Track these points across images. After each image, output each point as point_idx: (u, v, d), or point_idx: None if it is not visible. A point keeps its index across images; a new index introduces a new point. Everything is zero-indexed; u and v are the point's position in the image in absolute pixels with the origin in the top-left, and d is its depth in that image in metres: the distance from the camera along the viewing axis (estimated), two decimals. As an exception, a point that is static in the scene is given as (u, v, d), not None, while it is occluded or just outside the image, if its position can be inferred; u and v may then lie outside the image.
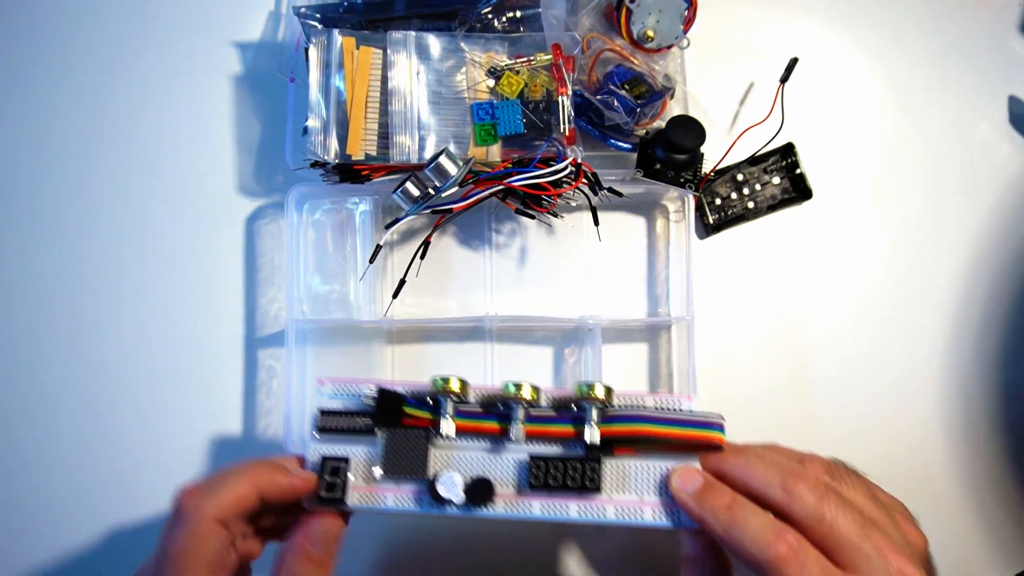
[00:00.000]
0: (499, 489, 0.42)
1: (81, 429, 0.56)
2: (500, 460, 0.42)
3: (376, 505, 0.42)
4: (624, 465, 0.41)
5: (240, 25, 0.59)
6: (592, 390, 0.41)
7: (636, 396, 0.43)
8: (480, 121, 0.52)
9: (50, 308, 0.57)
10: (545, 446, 0.42)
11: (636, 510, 0.41)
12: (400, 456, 0.42)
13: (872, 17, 0.61)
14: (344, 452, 0.42)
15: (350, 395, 0.43)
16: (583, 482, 0.41)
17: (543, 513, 0.41)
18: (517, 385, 0.41)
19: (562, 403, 0.43)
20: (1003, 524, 0.57)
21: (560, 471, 0.41)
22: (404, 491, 0.42)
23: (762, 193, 0.58)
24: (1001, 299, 0.58)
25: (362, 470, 0.42)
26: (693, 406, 0.42)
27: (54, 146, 0.59)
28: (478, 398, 0.43)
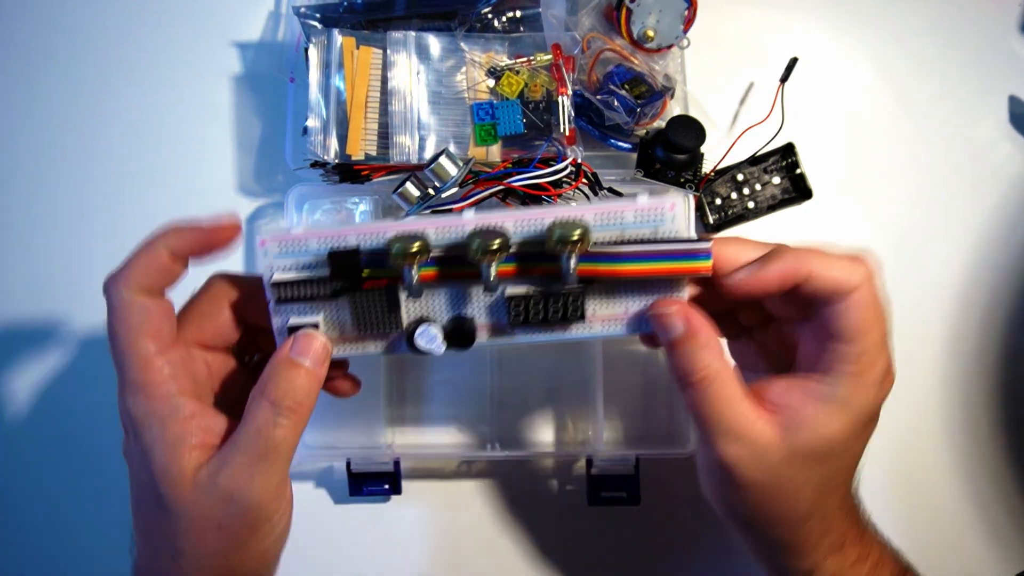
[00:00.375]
0: (481, 326, 0.40)
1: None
2: (478, 299, 0.40)
3: (355, 354, 0.40)
4: (607, 286, 0.40)
5: (240, 25, 0.59)
6: (567, 238, 0.37)
7: (614, 214, 0.38)
8: (480, 121, 0.52)
9: (53, 309, 0.57)
10: (520, 285, 0.40)
11: (617, 322, 0.40)
12: (370, 315, 0.40)
13: (872, 17, 0.61)
14: (311, 319, 0.40)
15: (300, 253, 0.39)
16: (566, 314, 0.39)
17: (528, 338, 0.40)
18: (484, 247, 0.37)
19: (534, 248, 0.39)
20: (1003, 524, 0.57)
21: (542, 307, 0.39)
22: (382, 342, 0.41)
23: (762, 193, 0.58)
24: (1002, 299, 0.58)
25: (334, 328, 0.40)
26: (677, 214, 0.38)
27: (54, 145, 0.59)
28: (442, 252, 0.39)
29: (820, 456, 0.39)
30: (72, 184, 0.58)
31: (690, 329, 0.39)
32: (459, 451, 0.56)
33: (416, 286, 0.39)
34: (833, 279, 0.38)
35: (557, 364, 0.57)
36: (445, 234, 0.39)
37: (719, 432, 0.38)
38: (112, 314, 0.37)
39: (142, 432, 0.37)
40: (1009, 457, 0.57)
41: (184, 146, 0.59)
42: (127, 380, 0.37)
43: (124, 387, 0.37)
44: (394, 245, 0.38)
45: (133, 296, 0.37)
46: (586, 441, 0.56)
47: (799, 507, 0.40)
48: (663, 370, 0.57)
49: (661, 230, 0.39)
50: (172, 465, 0.36)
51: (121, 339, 0.37)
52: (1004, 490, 0.57)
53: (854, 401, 0.39)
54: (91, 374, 0.57)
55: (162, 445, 0.36)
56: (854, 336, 0.38)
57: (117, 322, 0.37)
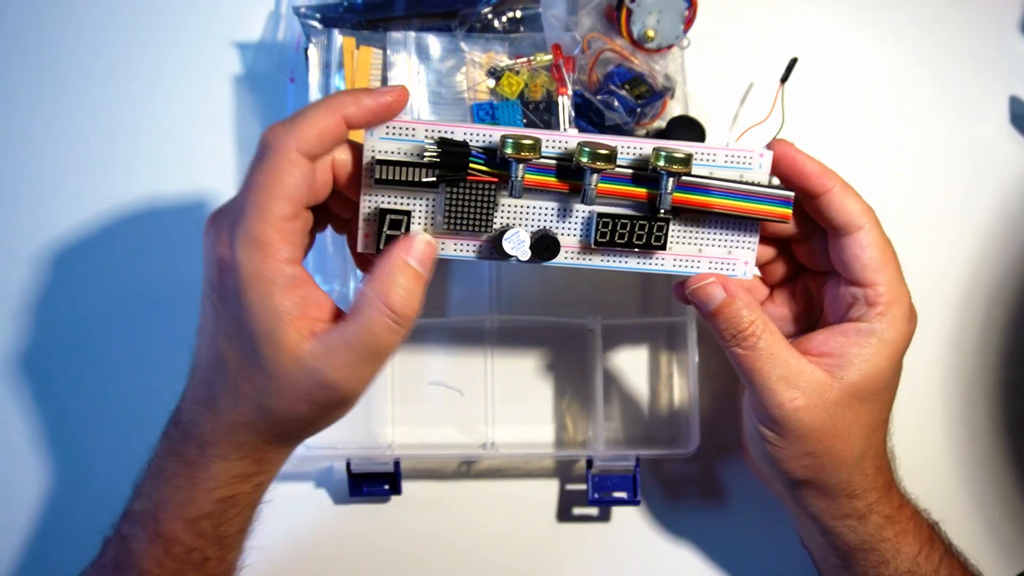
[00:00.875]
0: (564, 243, 0.42)
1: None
2: (567, 215, 0.42)
3: (442, 253, 0.41)
4: (686, 219, 0.43)
5: (240, 25, 0.59)
6: (672, 161, 0.40)
7: (708, 152, 0.42)
8: (480, 122, 0.52)
9: (55, 325, 0.57)
10: (611, 206, 0.42)
11: (694, 262, 0.44)
12: (464, 210, 0.41)
13: (872, 17, 0.61)
14: (404, 204, 0.41)
15: (406, 138, 0.40)
16: (649, 240, 0.42)
17: (603, 263, 0.43)
18: (593, 154, 0.39)
19: (638, 166, 0.41)
20: (1003, 524, 0.57)
21: (628, 229, 0.42)
22: (467, 241, 0.42)
23: (762, 193, 0.58)
24: (1002, 298, 0.58)
25: (426, 221, 0.41)
26: (765, 163, 0.42)
27: (54, 145, 0.59)
28: (548, 160, 0.41)
29: (869, 393, 0.43)
30: (72, 184, 0.58)
31: (730, 293, 0.42)
32: (459, 451, 0.56)
33: (519, 182, 0.40)
34: (848, 206, 0.43)
35: (557, 364, 0.57)
36: (553, 143, 0.41)
37: (774, 380, 0.42)
38: (267, 163, 0.37)
39: (247, 288, 0.37)
40: (1009, 457, 0.57)
41: (184, 146, 0.59)
42: (251, 234, 0.37)
43: (243, 238, 0.37)
44: (508, 140, 0.39)
45: (296, 155, 0.37)
46: (586, 441, 0.56)
47: (855, 446, 0.44)
48: (663, 370, 0.57)
49: (747, 175, 0.42)
50: (277, 332, 0.37)
51: (265, 192, 0.37)
52: (1004, 490, 0.57)
53: (890, 335, 0.43)
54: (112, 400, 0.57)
55: (269, 309, 0.37)
56: (876, 269, 0.43)
57: (270, 174, 0.37)
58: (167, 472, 0.41)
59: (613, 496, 0.54)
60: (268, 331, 0.37)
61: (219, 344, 0.39)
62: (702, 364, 0.54)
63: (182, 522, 0.41)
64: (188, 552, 0.41)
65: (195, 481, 0.40)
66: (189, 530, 0.41)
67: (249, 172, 0.38)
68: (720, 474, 0.57)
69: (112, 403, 0.56)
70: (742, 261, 0.44)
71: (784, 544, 0.55)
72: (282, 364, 0.38)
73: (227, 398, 0.39)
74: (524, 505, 0.56)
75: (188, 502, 0.40)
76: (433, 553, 0.56)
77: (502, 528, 0.56)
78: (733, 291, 0.43)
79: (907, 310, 0.44)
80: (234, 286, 0.37)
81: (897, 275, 0.44)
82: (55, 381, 0.57)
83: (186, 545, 0.41)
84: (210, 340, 0.39)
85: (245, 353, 0.38)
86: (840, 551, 0.47)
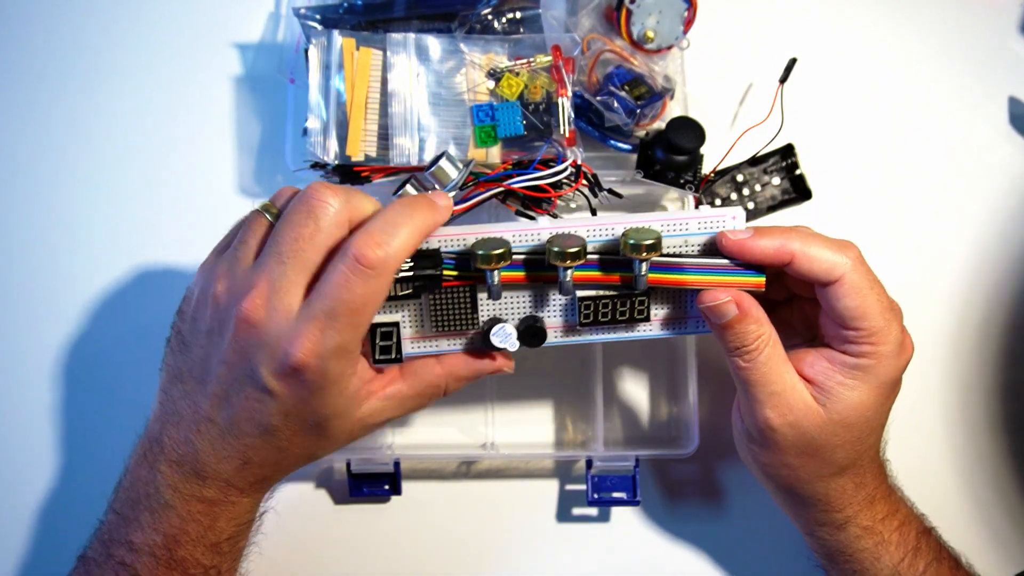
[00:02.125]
0: (550, 325, 0.44)
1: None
2: (550, 300, 0.44)
3: (429, 351, 0.44)
4: (670, 291, 0.45)
5: (240, 26, 0.59)
6: (642, 243, 0.41)
7: (680, 223, 0.43)
8: (480, 123, 0.52)
9: (52, 307, 0.57)
10: (590, 289, 0.44)
11: (680, 324, 0.45)
12: (448, 313, 0.43)
13: (872, 18, 0.61)
14: (391, 317, 0.43)
15: None
16: (632, 315, 0.44)
17: (593, 337, 0.45)
18: (563, 253, 0.41)
19: (609, 250, 0.43)
20: (1003, 524, 0.57)
21: (610, 308, 0.44)
22: (456, 338, 0.44)
23: (762, 194, 0.58)
24: (1001, 299, 0.58)
25: (412, 323, 0.44)
26: (738, 225, 0.44)
27: (53, 146, 0.59)
28: (523, 257, 0.43)
29: (851, 420, 0.44)
30: (72, 185, 0.58)
31: (743, 309, 0.43)
32: (459, 451, 0.56)
33: (497, 288, 0.42)
34: (816, 264, 0.42)
35: (557, 364, 0.57)
36: (523, 239, 0.43)
37: (767, 394, 0.43)
38: (374, 284, 0.38)
39: (329, 385, 0.40)
40: (1008, 457, 0.57)
41: (184, 147, 0.59)
42: (347, 348, 0.39)
43: (339, 351, 0.39)
44: (478, 250, 0.41)
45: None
46: (586, 441, 0.56)
47: (834, 465, 0.45)
48: (663, 370, 0.57)
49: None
50: (349, 410, 0.42)
51: (365, 314, 0.39)
52: (1003, 490, 0.57)
53: (874, 370, 0.43)
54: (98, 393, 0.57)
55: (345, 397, 0.41)
56: (855, 319, 0.43)
57: (371, 300, 0.39)
58: (178, 510, 0.41)
59: (612, 496, 0.54)
60: (340, 411, 0.41)
61: (270, 422, 0.41)
62: (701, 365, 0.54)
63: (203, 548, 0.42)
64: (206, 570, 0.43)
65: (216, 515, 0.42)
66: (210, 552, 0.42)
67: (341, 284, 0.38)
68: (719, 474, 0.57)
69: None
70: (729, 315, 0.45)
71: (783, 544, 0.55)
72: (343, 428, 0.42)
73: (267, 456, 0.42)
74: (524, 505, 0.56)
75: (210, 531, 0.42)
76: (433, 553, 0.56)
77: (502, 528, 0.56)
78: (747, 308, 0.43)
79: (894, 347, 0.43)
80: (315, 385, 0.39)
81: (882, 314, 0.43)
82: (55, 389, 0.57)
83: (204, 565, 0.42)
84: (251, 415, 0.40)
85: (305, 427, 0.41)
86: (821, 553, 0.48)
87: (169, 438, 0.42)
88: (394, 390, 0.43)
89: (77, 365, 0.57)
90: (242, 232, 0.42)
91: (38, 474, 0.56)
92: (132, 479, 0.43)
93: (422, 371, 0.44)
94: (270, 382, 0.39)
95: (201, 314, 0.41)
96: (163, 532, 0.41)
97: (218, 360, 0.40)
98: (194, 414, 0.41)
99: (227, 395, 0.40)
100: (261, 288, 0.39)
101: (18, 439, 0.56)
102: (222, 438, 0.41)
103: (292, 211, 0.40)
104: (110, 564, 0.42)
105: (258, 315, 0.39)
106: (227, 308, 0.40)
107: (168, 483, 0.41)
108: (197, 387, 0.41)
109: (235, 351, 0.39)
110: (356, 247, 0.38)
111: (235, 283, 0.40)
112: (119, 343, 0.57)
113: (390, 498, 0.56)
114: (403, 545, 0.56)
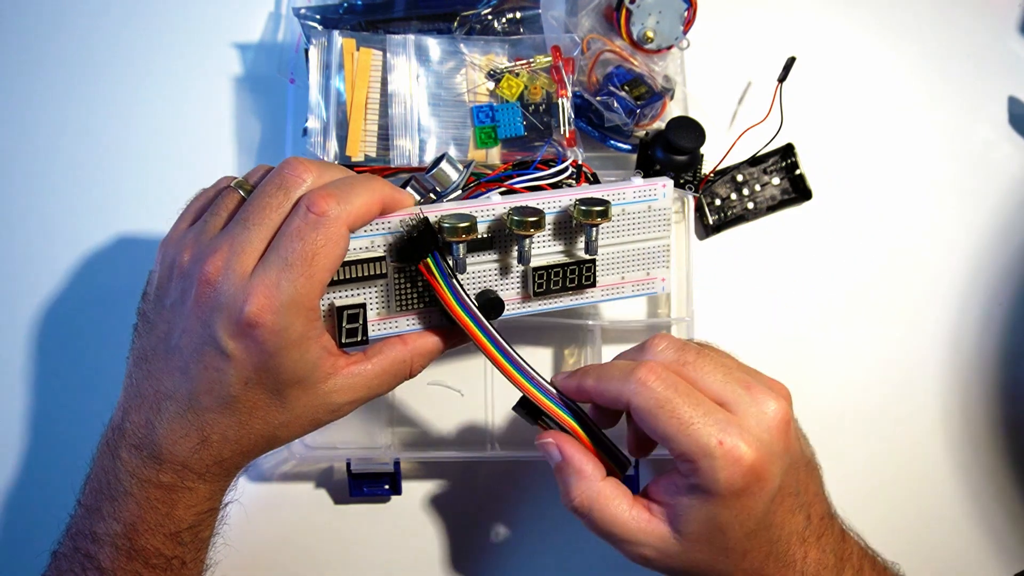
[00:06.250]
0: (507, 297, 0.46)
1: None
2: (506, 272, 0.46)
3: (393, 332, 0.44)
4: (607, 254, 0.47)
5: (240, 26, 0.59)
6: (592, 214, 0.43)
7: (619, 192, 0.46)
8: (480, 124, 0.52)
9: (51, 308, 0.57)
10: (543, 256, 0.46)
11: (619, 288, 0.48)
12: (412, 291, 0.44)
13: (872, 17, 0.61)
14: (358, 297, 0.43)
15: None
16: (581, 281, 0.46)
17: (542, 307, 0.47)
18: (523, 222, 0.43)
19: (562, 220, 0.45)
20: (1003, 524, 0.57)
21: (561, 276, 0.46)
22: (420, 316, 0.45)
23: (762, 194, 0.58)
24: (1001, 299, 0.58)
25: (376, 304, 0.44)
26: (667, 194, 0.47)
27: (53, 146, 0.59)
28: (485, 230, 0.44)
29: (713, 534, 0.39)
30: (72, 185, 0.58)
31: (564, 457, 0.42)
32: (459, 451, 0.56)
33: (462, 259, 0.43)
34: (608, 396, 0.41)
35: (557, 364, 0.57)
36: (483, 214, 0.44)
37: (621, 541, 0.41)
38: (324, 234, 0.38)
39: (288, 347, 0.39)
40: (1007, 457, 0.57)
41: (184, 146, 0.59)
42: (303, 303, 0.39)
43: (293, 306, 0.38)
44: (445, 222, 0.41)
45: (346, 231, 0.39)
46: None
47: (722, 569, 0.41)
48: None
49: (655, 205, 0.47)
50: (310, 378, 0.41)
51: (319, 262, 0.38)
52: (1003, 490, 0.57)
53: (711, 488, 0.38)
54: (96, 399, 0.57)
55: (306, 362, 0.40)
56: (664, 440, 0.39)
57: (327, 247, 0.39)
58: (136, 496, 0.41)
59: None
60: (302, 378, 0.40)
61: (229, 391, 0.40)
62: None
63: (163, 536, 0.42)
64: (168, 561, 0.42)
65: (174, 501, 0.41)
66: (170, 542, 0.42)
67: (298, 238, 0.38)
68: (719, 474, 0.57)
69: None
70: (659, 279, 0.48)
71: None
72: (306, 402, 0.41)
73: (226, 433, 0.41)
74: (524, 505, 0.56)
75: (168, 519, 0.41)
76: (433, 553, 0.56)
77: (502, 528, 0.56)
78: (568, 456, 0.42)
79: (719, 460, 0.38)
80: (272, 345, 0.39)
81: (681, 430, 0.38)
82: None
83: (166, 556, 0.42)
84: (211, 385, 0.40)
85: (266, 397, 0.41)
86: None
87: (131, 422, 0.41)
88: (359, 368, 0.42)
89: (55, 363, 0.57)
90: (213, 206, 0.42)
91: (9, 471, 0.56)
92: (96, 469, 0.43)
93: (387, 350, 0.43)
94: (228, 344, 0.39)
95: (165, 288, 0.41)
96: (123, 521, 0.41)
97: (180, 330, 0.40)
98: (156, 393, 0.41)
99: (187, 367, 0.40)
100: (223, 250, 0.39)
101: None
102: (182, 416, 0.40)
103: (265, 183, 0.40)
104: (76, 557, 0.42)
105: (217, 275, 0.39)
106: (190, 274, 0.39)
107: (127, 470, 0.41)
108: (160, 363, 0.41)
109: (196, 316, 0.39)
110: (308, 198, 0.39)
111: (199, 249, 0.40)
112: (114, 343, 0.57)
113: (390, 498, 0.56)
114: (403, 545, 0.56)
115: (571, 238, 0.46)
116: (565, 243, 0.46)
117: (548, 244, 0.46)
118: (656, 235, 0.47)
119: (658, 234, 0.47)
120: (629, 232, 0.47)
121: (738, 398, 0.39)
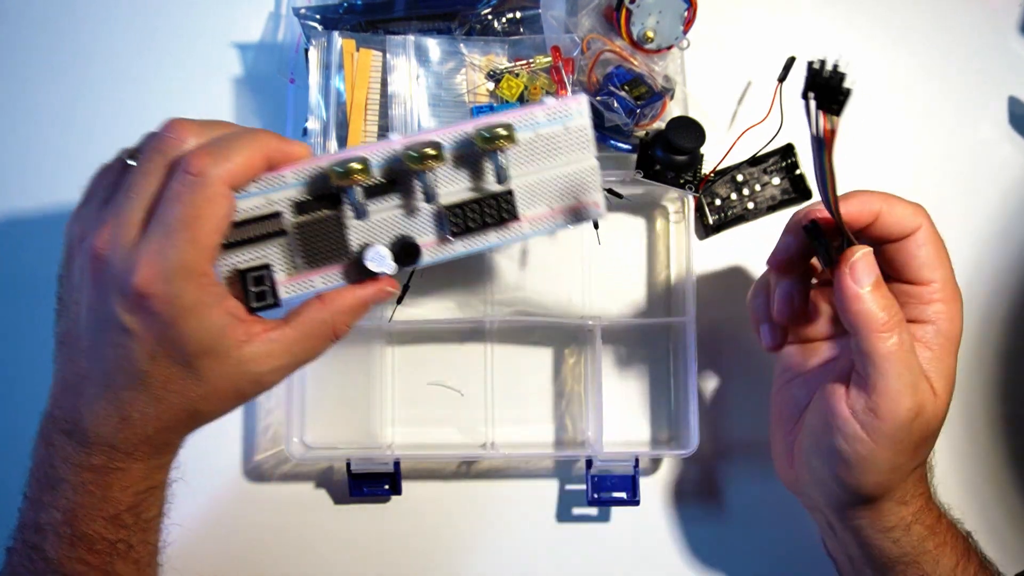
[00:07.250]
0: (423, 243, 0.42)
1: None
2: (419, 214, 0.42)
3: (308, 291, 0.42)
4: (530, 184, 0.43)
5: (240, 26, 0.59)
6: (497, 135, 0.40)
7: (528, 115, 0.42)
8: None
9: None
10: (455, 193, 0.42)
11: (549, 220, 0.43)
12: (318, 244, 0.41)
13: (872, 17, 0.61)
14: (261, 259, 0.41)
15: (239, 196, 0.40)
16: (501, 215, 0.43)
17: (467, 249, 0.43)
18: (420, 155, 0.40)
19: (464, 155, 0.42)
20: (1003, 524, 0.57)
21: (477, 212, 0.42)
22: (332, 270, 0.42)
23: (762, 194, 0.58)
24: (1001, 299, 0.58)
25: (283, 264, 0.42)
26: (583, 111, 0.42)
27: (53, 146, 0.59)
28: (382, 172, 0.41)
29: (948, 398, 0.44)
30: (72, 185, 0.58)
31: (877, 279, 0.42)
32: (459, 451, 0.56)
33: (361, 204, 0.41)
34: (899, 217, 0.44)
35: (557, 364, 0.57)
36: (381, 154, 0.41)
37: (902, 384, 0.41)
38: (201, 194, 0.37)
39: (185, 315, 0.38)
40: (1008, 457, 0.57)
41: (184, 147, 0.59)
42: (189, 268, 0.37)
43: (181, 272, 0.37)
44: (334, 168, 0.39)
45: (226, 188, 0.38)
46: (586, 441, 0.56)
47: (919, 457, 0.44)
48: (663, 370, 0.57)
49: (571, 124, 0.42)
50: (218, 346, 0.39)
51: (200, 224, 0.37)
52: (1003, 490, 0.57)
53: (950, 331, 0.44)
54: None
55: (208, 330, 0.39)
56: (933, 267, 0.44)
57: (204, 211, 0.37)
58: (71, 482, 0.40)
59: (612, 496, 0.54)
60: (208, 348, 0.39)
61: (138, 367, 0.39)
62: (702, 364, 0.54)
63: (102, 520, 0.41)
64: (112, 545, 0.41)
65: (109, 483, 0.40)
66: (111, 525, 0.41)
67: (174, 201, 0.37)
68: (719, 475, 0.57)
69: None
70: (592, 204, 0.44)
71: (782, 544, 0.55)
72: (221, 372, 0.40)
73: (145, 410, 0.40)
74: (524, 505, 0.56)
75: (105, 501, 0.41)
76: (433, 553, 0.56)
77: (502, 528, 0.56)
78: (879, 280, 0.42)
79: (961, 307, 0.44)
80: (168, 315, 0.38)
81: (951, 271, 0.44)
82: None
83: (109, 539, 0.41)
84: (120, 363, 0.39)
85: (177, 369, 0.39)
86: (878, 564, 0.46)
87: (59, 409, 0.41)
88: (277, 334, 0.40)
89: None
90: (105, 180, 0.41)
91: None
92: (35, 460, 0.42)
93: (304, 311, 0.41)
94: (124, 318, 0.38)
95: (69, 268, 0.40)
96: (62, 509, 0.40)
97: (86, 308, 0.39)
98: (75, 376, 0.40)
99: (96, 346, 0.39)
100: (108, 224, 0.38)
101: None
102: (99, 397, 0.40)
103: (145, 148, 0.39)
104: (24, 551, 0.41)
105: (105, 250, 0.38)
106: (85, 251, 0.39)
107: (60, 456, 0.40)
108: (76, 346, 0.40)
109: (95, 293, 0.39)
110: (185, 160, 0.37)
111: (89, 224, 0.39)
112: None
113: (390, 498, 0.56)
114: (403, 545, 0.56)
115: (482, 171, 0.42)
116: (476, 177, 0.42)
117: (458, 180, 0.42)
118: (578, 157, 0.43)
119: (581, 156, 0.43)
120: (548, 158, 0.43)
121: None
